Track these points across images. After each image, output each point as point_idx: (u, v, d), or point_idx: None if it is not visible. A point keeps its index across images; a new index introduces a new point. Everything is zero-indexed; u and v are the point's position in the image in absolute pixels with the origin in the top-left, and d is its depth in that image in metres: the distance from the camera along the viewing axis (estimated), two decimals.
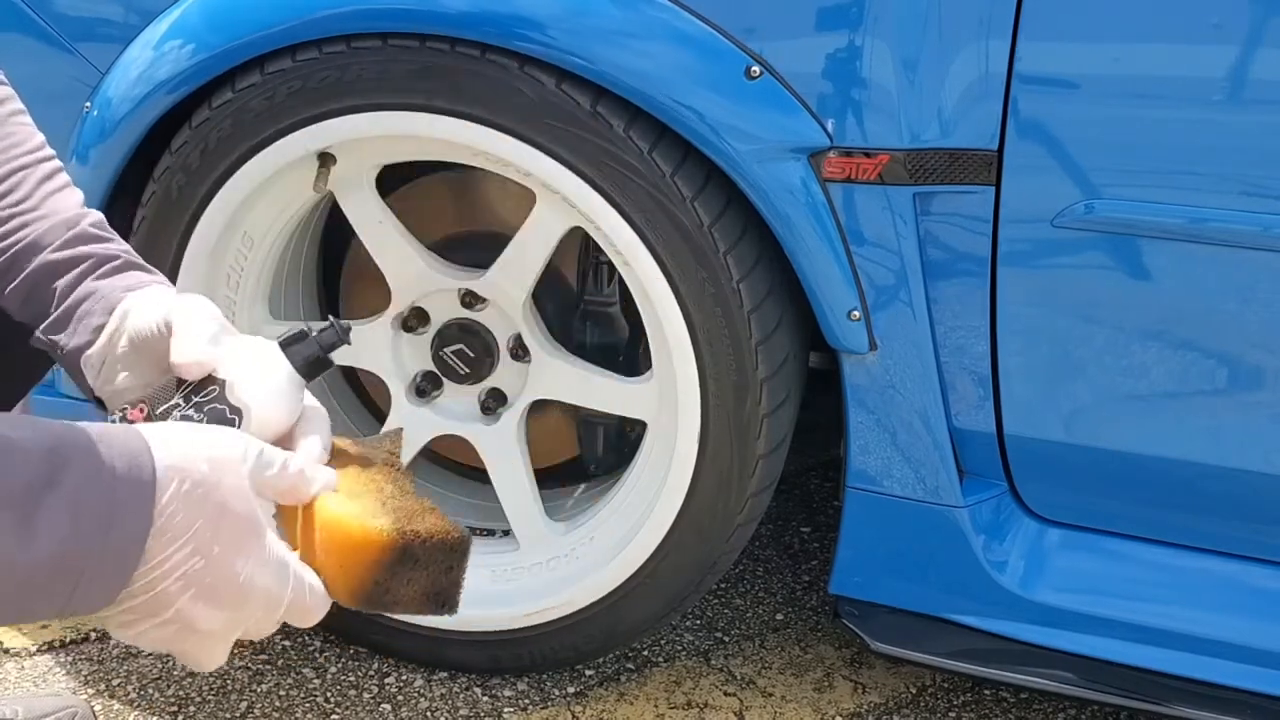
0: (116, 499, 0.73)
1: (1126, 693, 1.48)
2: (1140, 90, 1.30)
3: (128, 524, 0.74)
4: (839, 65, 1.33)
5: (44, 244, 1.01)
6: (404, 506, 0.86)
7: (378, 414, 1.86)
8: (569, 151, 1.41)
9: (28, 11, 1.57)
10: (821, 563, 1.98)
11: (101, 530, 0.73)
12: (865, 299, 1.40)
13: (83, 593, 0.74)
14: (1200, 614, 1.48)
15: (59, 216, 1.03)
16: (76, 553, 0.72)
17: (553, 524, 1.67)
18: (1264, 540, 1.47)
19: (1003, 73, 1.29)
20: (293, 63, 1.45)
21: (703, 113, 1.35)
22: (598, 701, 1.69)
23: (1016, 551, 1.52)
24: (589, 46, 1.36)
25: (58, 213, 1.03)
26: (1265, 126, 1.27)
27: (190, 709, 1.64)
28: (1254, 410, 1.38)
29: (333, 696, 1.68)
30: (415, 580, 0.85)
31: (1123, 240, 1.33)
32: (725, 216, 1.42)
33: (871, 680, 1.74)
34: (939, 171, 1.33)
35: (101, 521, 0.73)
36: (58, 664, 1.71)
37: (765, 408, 1.47)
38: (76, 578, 0.73)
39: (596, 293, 1.66)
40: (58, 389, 1.73)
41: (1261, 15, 1.24)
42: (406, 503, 0.87)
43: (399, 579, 0.84)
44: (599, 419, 1.71)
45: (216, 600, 0.79)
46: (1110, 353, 1.38)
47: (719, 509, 1.52)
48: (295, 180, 1.56)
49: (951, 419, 1.46)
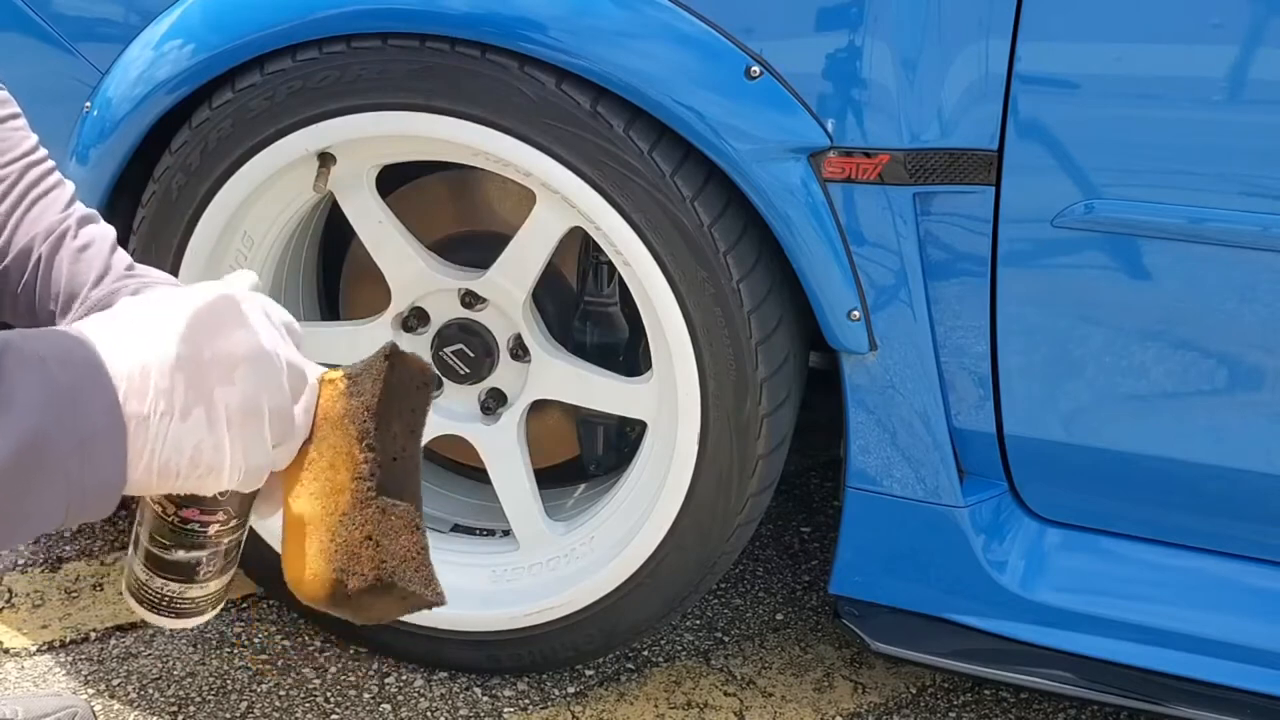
0: (69, 381, 0.72)
1: (1126, 693, 1.49)
2: (1140, 90, 1.30)
3: (94, 393, 0.72)
4: (839, 65, 1.33)
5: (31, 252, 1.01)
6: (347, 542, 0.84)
7: None
8: (569, 151, 1.41)
9: (27, 11, 1.57)
10: (821, 563, 1.98)
11: (69, 407, 0.71)
12: (865, 299, 1.40)
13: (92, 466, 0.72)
14: (1200, 614, 1.48)
15: (44, 222, 1.03)
16: (45, 435, 0.70)
17: (553, 524, 1.67)
18: (1264, 540, 1.47)
19: (1003, 73, 1.29)
20: (293, 63, 1.45)
21: (703, 113, 1.35)
22: (598, 701, 1.69)
23: (1016, 551, 1.52)
24: (589, 47, 1.36)
25: (43, 218, 1.03)
26: (1265, 126, 1.27)
27: (190, 709, 1.65)
28: (1254, 410, 1.38)
29: (333, 696, 1.68)
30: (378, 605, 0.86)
31: (1123, 240, 1.33)
32: (725, 216, 1.42)
33: (871, 680, 1.74)
34: (939, 171, 1.33)
35: (64, 400, 0.71)
36: (58, 664, 1.71)
37: (765, 408, 1.47)
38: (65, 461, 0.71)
39: (596, 293, 1.66)
40: None
41: (1261, 15, 1.24)
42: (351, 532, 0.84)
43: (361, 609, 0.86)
44: (599, 419, 1.71)
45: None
46: (1110, 353, 1.38)
47: (719, 509, 1.52)
48: (295, 180, 1.56)
49: (951, 419, 1.46)
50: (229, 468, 0.78)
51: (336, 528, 0.84)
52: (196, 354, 0.76)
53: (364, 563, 0.84)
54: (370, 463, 0.84)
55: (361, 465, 0.84)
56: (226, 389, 0.77)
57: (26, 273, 1.02)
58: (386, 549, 0.84)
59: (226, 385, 0.77)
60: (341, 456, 0.84)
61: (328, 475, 0.85)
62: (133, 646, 1.75)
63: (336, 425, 0.85)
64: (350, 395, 0.85)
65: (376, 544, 0.84)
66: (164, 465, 0.75)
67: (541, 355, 1.62)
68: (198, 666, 1.72)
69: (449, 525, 1.78)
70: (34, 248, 1.02)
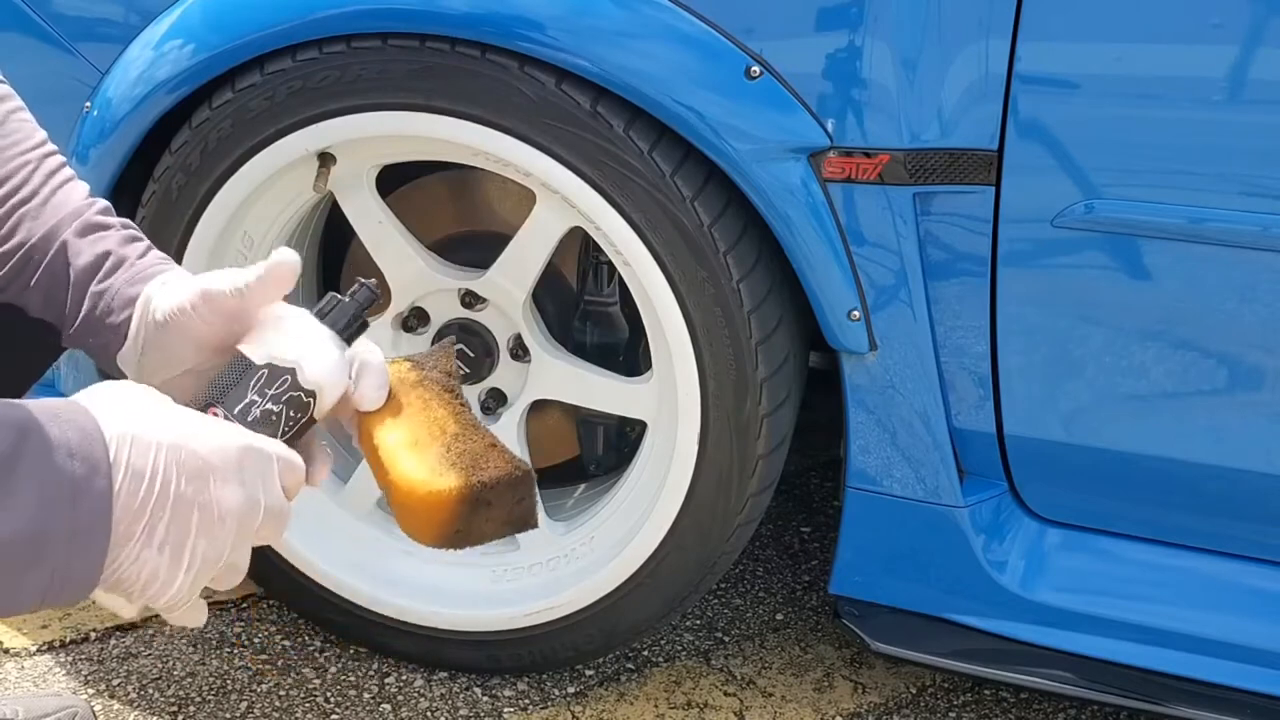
0: (75, 473, 0.75)
1: (1126, 693, 1.49)
2: (1140, 90, 1.30)
3: (91, 497, 0.75)
4: (839, 65, 1.33)
5: (54, 239, 1.01)
6: (468, 450, 0.91)
7: None
8: (569, 151, 1.41)
9: (28, 11, 1.57)
10: (821, 563, 1.98)
11: (68, 504, 0.74)
12: (865, 299, 1.40)
13: (62, 574, 0.75)
14: (1200, 614, 1.48)
15: (67, 209, 1.02)
16: (46, 529, 0.73)
17: (553, 524, 1.67)
18: (1264, 540, 1.47)
19: (1003, 73, 1.29)
20: (293, 63, 1.45)
21: (703, 113, 1.35)
22: (598, 701, 1.69)
23: (1016, 551, 1.52)
24: (589, 47, 1.36)
25: (65, 205, 1.03)
26: (1265, 126, 1.27)
27: (190, 709, 1.64)
28: (1254, 410, 1.38)
29: (333, 696, 1.68)
30: (491, 518, 0.91)
31: (1123, 240, 1.33)
32: (725, 216, 1.42)
33: (871, 680, 1.74)
34: (939, 171, 1.33)
35: (65, 495, 0.74)
36: (58, 664, 1.71)
37: (765, 408, 1.47)
38: (55, 554, 0.74)
39: (596, 293, 1.66)
40: (58, 389, 1.73)
41: (1261, 15, 1.24)
42: (470, 443, 0.91)
43: (475, 521, 0.90)
44: (599, 419, 1.71)
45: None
46: (1110, 353, 1.38)
47: (719, 509, 1.52)
48: (295, 180, 1.56)
49: (951, 419, 1.46)
50: (170, 595, 0.81)
51: (452, 443, 0.91)
52: (196, 497, 0.79)
53: (492, 461, 0.90)
54: (463, 396, 0.95)
55: (459, 400, 0.94)
56: (202, 541, 0.80)
57: (50, 255, 1.02)
58: (506, 452, 0.92)
59: (204, 538, 0.80)
60: (434, 398, 0.93)
61: (423, 415, 0.93)
62: (133, 646, 1.75)
63: (418, 383, 0.94)
64: (425, 367, 0.96)
65: (498, 448, 0.92)
66: (120, 579, 0.79)
67: (541, 355, 1.62)
68: (198, 666, 1.72)
69: None
70: (59, 233, 1.02)
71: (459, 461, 0.90)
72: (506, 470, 0.90)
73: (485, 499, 0.89)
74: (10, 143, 1.04)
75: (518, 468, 0.91)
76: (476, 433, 0.93)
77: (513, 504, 0.91)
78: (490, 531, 0.92)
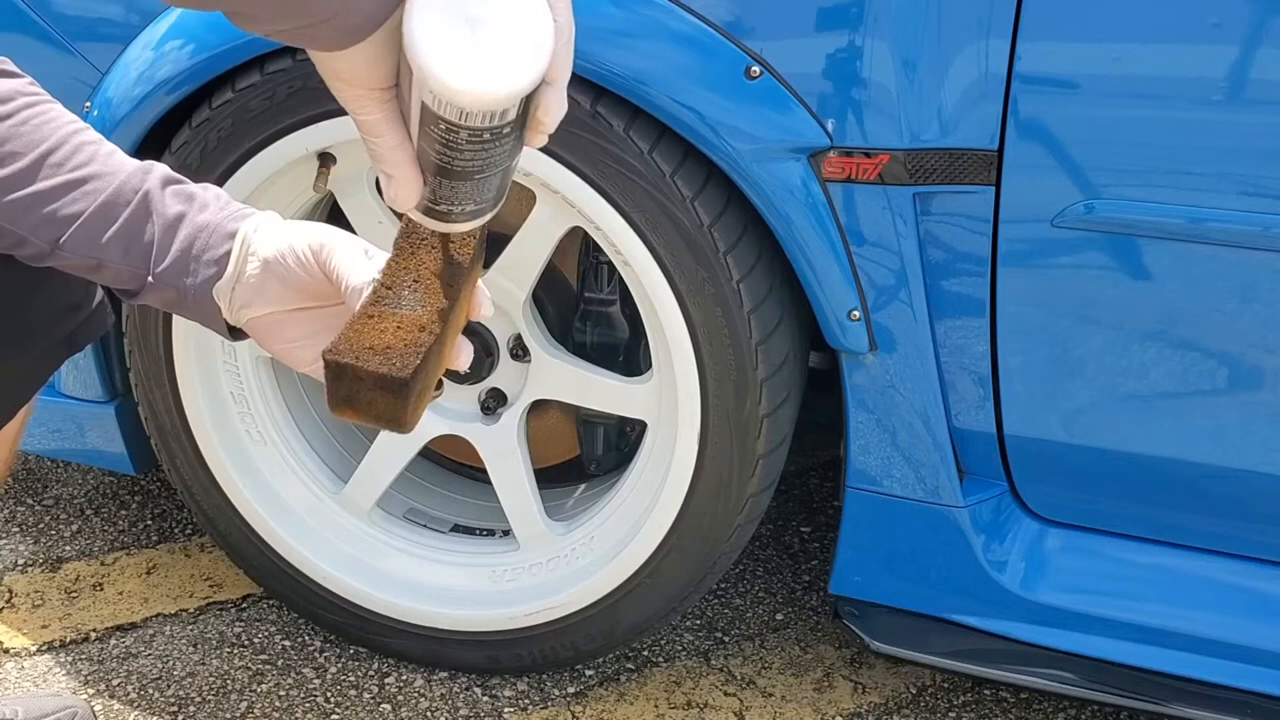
0: None
1: (1126, 693, 1.49)
2: (1140, 90, 1.30)
3: None
4: (839, 65, 1.33)
5: (126, 194, 1.02)
6: (401, 335, 0.91)
7: None
8: (569, 151, 1.41)
9: (28, 11, 1.57)
10: (821, 563, 1.98)
11: None
12: (865, 299, 1.40)
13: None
14: (1200, 614, 1.48)
15: (132, 166, 1.03)
16: None
17: (553, 524, 1.67)
18: (1264, 540, 1.47)
19: (1003, 73, 1.29)
20: (293, 62, 1.45)
21: (702, 113, 1.35)
22: (598, 701, 1.69)
23: (1016, 551, 1.52)
24: (589, 46, 1.36)
25: (126, 166, 1.03)
26: (1265, 126, 1.27)
27: (190, 709, 1.65)
28: (1254, 410, 1.38)
29: (333, 696, 1.68)
30: (372, 401, 0.91)
31: (1123, 240, 1.33)
32: (725, 216, 1.42)
33: (871, 680, 1.74)
34: (939, 171, 1.33)
35: None
36: (58, 664, 1.71)
37: (765, 408, 1.47)
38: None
39: (596, 293, 1.66)
40: (58, 389, 1.73)
41: (1261, 15, 1.24)
42: (405, 332, 0.91)
43: (352, 396, 0.91)
44: (599, 419, 1.71)
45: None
46: (1110, 353, 1.38)
47: (719, 509, 1.52)
48: (295, 180, 1.56)
49: (951, 419, 1.47)
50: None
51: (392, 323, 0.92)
52: None
53: (394, 358, 0.91)
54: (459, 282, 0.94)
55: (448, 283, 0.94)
56: None
57: (132, 206, 1.02)
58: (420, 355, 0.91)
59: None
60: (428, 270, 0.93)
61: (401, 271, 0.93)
62: (133, 646, 1.75)
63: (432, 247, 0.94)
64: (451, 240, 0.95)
65: (415, 350, 0.92)
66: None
67: (541, 355, 1.62)
68: (198, 666, 1.72)
69: (449, 525, 1.78)
70: (133, 184, 1.03)
71: (369, 341, 0.91)
72: (385, 370, 0.90)
73: (355, 375, 0.90)
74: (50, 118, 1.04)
75: (402, 371, 0.91)
76: (427, 315, 0.92)
77: (387, 400, 0.92)
78: (365, 414, 0.92)
